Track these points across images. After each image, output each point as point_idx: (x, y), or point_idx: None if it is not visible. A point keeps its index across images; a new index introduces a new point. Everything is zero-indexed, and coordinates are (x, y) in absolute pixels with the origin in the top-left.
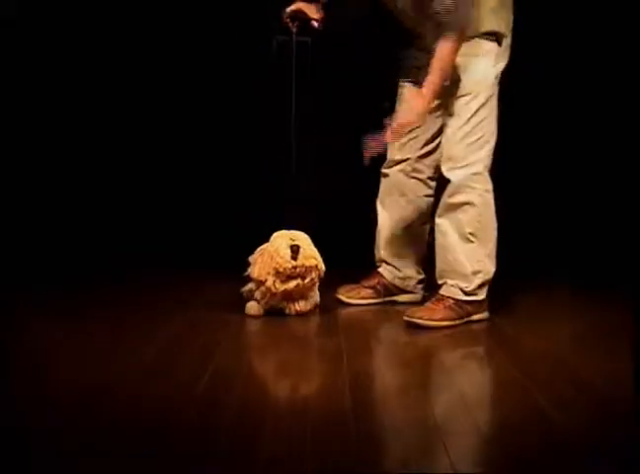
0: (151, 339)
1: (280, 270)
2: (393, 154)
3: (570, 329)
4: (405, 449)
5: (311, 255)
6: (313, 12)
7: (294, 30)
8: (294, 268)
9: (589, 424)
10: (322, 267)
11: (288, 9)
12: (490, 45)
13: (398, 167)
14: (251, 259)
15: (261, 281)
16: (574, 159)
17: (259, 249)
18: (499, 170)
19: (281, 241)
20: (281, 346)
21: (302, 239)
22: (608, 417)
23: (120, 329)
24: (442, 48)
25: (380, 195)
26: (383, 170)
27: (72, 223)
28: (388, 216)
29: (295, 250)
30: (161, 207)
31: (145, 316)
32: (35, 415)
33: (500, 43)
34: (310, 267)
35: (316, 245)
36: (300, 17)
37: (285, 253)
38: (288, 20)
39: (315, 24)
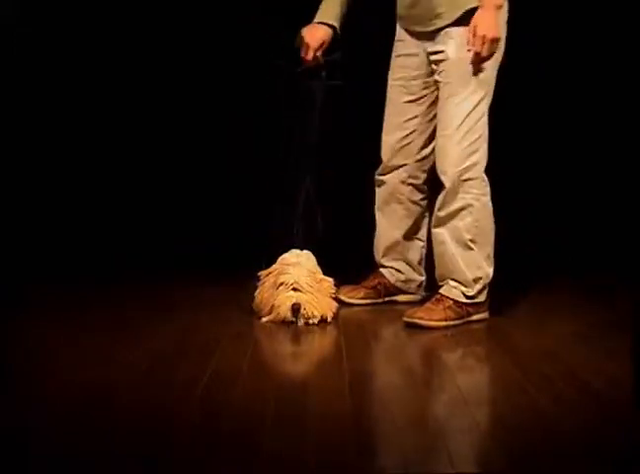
0: (151, 339)
1: (279, 322)
2: (388, 160)
3: (570, 328)
4: (405, 449)
5: (312, 313)
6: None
7: (324, 72)
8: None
9: (588, 424)
10: (330, 313)
11: (309, 46)
12: None
13: (394, 174)
14: (260, 275)
15: (258, 316)
16: (574, 159)
17: (267, 271)
18: (499, 169)
19: (284, 299)
20: (281, 346)
21: (306, 264)
22: (608, 416)
23: (120, 329)
24: None
25: (377, 203)
26: (378, 177)
27: (72, 223)
28: (387, 224)
29: (297, 309)
30: (161, 207)
31: (145, 316)
32: (35, 415)
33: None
34: (314, 317)
35: (317, 244)
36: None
37: (287, 315)
38: (311, 59)
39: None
